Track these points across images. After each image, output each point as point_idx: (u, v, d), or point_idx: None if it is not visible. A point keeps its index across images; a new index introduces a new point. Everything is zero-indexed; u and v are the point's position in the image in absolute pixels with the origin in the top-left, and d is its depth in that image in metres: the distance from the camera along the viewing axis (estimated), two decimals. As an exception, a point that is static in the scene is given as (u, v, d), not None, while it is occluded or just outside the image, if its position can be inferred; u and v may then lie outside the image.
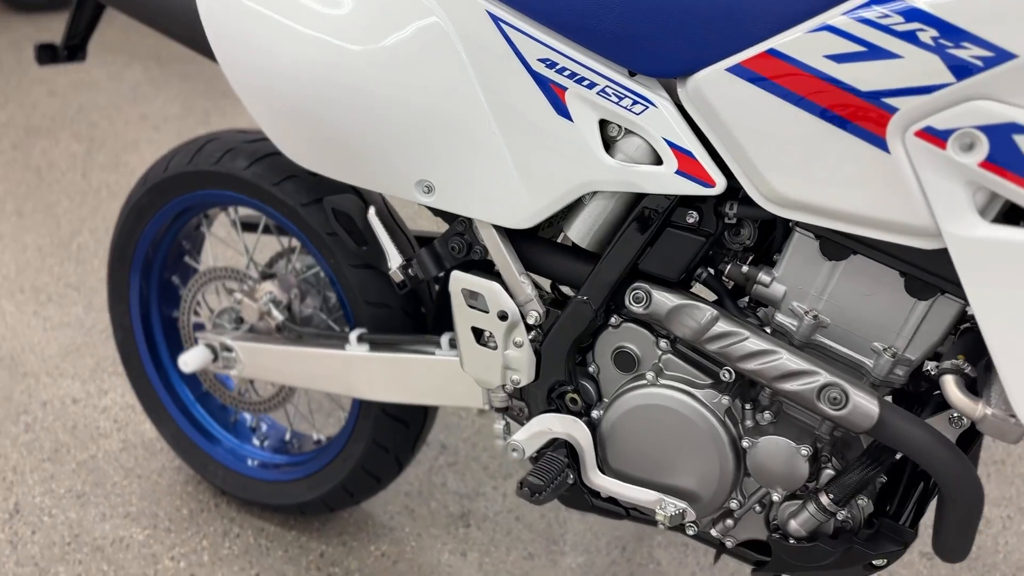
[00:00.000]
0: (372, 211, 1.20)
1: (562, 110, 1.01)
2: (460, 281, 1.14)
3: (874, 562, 1.03)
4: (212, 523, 1.63)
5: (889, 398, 1.04)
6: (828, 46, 0.85)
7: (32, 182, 2.81)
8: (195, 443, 1.63)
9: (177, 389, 1.64)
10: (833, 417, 0.93)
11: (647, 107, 0.97)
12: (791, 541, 1.03)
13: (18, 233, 2.53)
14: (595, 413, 1.13)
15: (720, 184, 0.96)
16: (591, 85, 0.99)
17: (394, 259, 1.18)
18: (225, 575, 1.53)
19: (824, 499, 0.99)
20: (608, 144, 1.01)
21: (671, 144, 0.97)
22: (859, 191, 0.88)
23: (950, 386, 0.90)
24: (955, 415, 0.96)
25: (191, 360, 1.43)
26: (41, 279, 2.33)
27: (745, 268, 1.02)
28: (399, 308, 1.34)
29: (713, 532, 1.11)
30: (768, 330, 1.03)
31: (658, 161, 0.99)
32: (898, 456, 1.01)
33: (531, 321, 1.12)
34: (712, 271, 1.07)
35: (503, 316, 1.12)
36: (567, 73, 0.99)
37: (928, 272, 0.92)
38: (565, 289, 1.20)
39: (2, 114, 3.26)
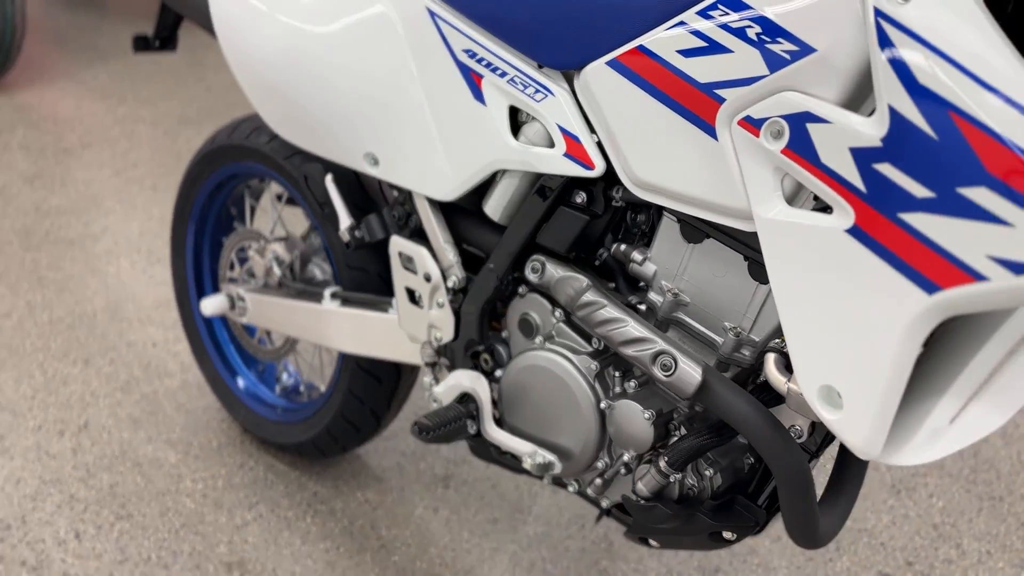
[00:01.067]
0: (329, 177, 1.38)
1: (479, 95, 1.15)
2: (396, 245, 1.30)
3: (723, 534, 1.08)
4: (233, 455, 1.86)
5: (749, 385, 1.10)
6: (679, 42, 0.94)
7: (171, 164, 3.22)
8: (226, 383, 1.86)
9: (218, 335, 1.88)
10: (663, 382, 1.01)
11: (547, 95, 1.09)
12: (640, 501, 1.10)
13: (148, 205, 2.92)
14: (498, 372, 1.24)
15: (599, 167, 1.06)
16: (503, 74, 1.12)
17: (344, 221, 1.35)
18: (231, 498, 1.75)
19: (662, 462, 1.06)
20: (519, 128, 1.14)
21: (563, 129, 1.08)
22: (696, 176, 0.97)
23: (768, 363, 0.96)
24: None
25: (209, 305, 1.66)
26: (156, 244, 2.69)
27: (623, 248, 1.11)
28: (376, 274, 1.50)
29: (589, 491, 1.20)
30: (644, 307, 1.11)
31: (552, 144, 1.10)
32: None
33: (451, 284, 1.26)
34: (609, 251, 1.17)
35: (428, 278, 1.27)
36: (485, 63, 1.13)
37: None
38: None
39: (164, 105, 3.74)
